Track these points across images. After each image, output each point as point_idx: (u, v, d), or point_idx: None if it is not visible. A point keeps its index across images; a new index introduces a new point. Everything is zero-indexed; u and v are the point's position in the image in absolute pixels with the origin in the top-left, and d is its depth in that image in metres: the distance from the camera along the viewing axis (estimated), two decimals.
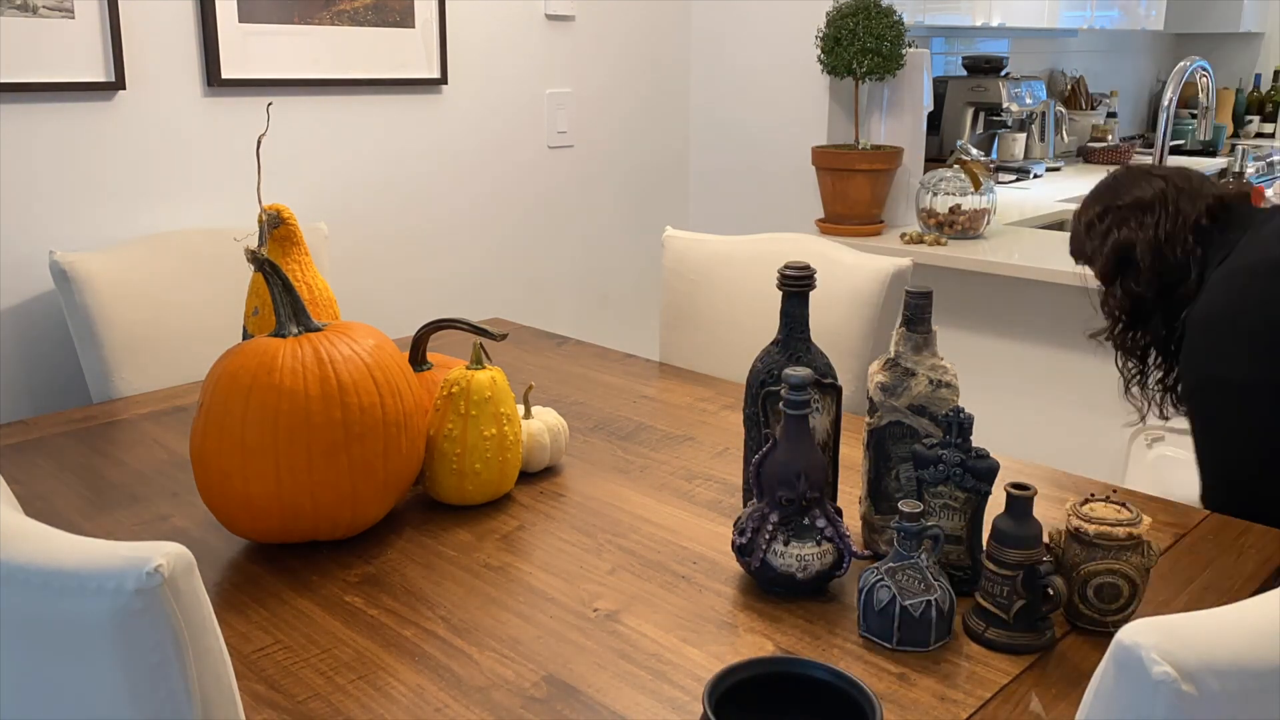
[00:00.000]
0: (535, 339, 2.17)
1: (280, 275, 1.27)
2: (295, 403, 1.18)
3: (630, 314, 3.11)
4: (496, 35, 2.61)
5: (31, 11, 1.87)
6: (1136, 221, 1.54)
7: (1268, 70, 5.51)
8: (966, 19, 3.59)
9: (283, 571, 1.22)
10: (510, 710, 0.97)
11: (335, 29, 2.27)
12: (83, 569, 0.67)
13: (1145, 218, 1.54)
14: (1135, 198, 1.56)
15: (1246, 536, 1.29)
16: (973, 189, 2.68)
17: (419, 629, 1.10)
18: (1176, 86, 2.47)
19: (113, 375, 1.87)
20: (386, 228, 2.48)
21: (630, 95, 2.96)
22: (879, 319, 1.82)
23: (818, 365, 1.22)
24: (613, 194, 2.98)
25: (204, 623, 0.71)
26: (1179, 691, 0.60)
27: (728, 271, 2.02)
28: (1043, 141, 4.20)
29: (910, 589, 1.02)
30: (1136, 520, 1.07)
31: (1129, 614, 1.08)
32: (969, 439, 1.11)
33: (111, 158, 2.02)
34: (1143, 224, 1.53)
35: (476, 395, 1.32)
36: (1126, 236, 1.54)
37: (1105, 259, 1.57)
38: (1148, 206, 1.54)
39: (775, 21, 2.89)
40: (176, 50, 2.07)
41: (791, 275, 1.21)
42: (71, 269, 1.84)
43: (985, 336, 2.65)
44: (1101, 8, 4.28)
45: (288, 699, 0.99)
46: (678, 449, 1.58)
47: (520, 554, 1.26)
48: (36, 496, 1.40)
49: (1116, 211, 1.57)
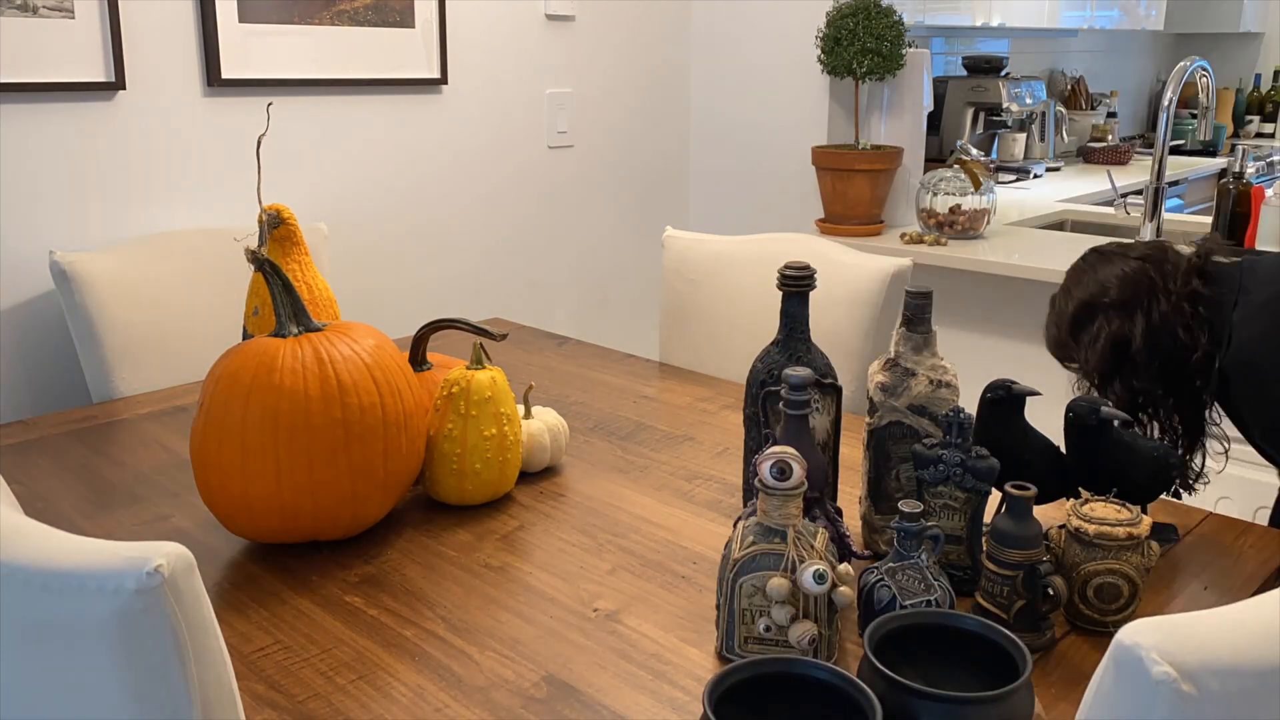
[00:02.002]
0: (535, 339, 2.17)
1: (280, 275, 1.27)
2: (295, 403, 1.18)
3: (630, 314, 3.11)
4: (496, 35, 2.61)
5: (31, 11, 1.87)
6: (1126, 312, 1.41)
7: (1268, 70, 5.51)
8: (966, 19, 3.59)
9: (283, 571, 1.22)
10: (510, 710, 0.97)
11: (335, 29, 2.27)
12: (83, 569, 0.67)
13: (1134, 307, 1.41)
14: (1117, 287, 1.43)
15: (1246, 536, 1.29)
16: (973, 189, 2.68)
17: (419, 629, 1.10)
18: (1176, 86, 2.47)
19: (113, 375, 1.87)
20: (386, 228, 2.48)
21: (630, 95, 2.96)
22: (879, 319, 1.82)
23: (818, 365, 1.22)
24: (613, 194, 2.98)
25: (204, 623, 0.71)
26: (1179, 691, 0.60)
27: (728, 271, 2.02)
28: (1043, 141, 4.20)
29: (910, 589, 1.02)
30: (1136, 520, 1.07)
31: (1129, 614, 1.08)
32: (969, 439, 1.12)
33: (112, 158, 2.02)
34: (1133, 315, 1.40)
35: (476, 395, 1.32)
36: (1119, 330, 1.40)
37: (1100, 357, 1.42)
38: (1133, 294, 1.42)
39: (775, 21, 2.89)
40: (176, 50, 2.07)
41: (791, 275, 1.21)
42: (71, 269, 1.84)
43: (985, 336, 2.65)
44: (1101, 8, 4.28)
45: (288, 699, 0.99)
46: (678, 449, 1.58)
47: (520, 554, 1.26)
48: (36, 496, 1.40)
49: (1102, 307, 1.44)
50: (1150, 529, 1.10)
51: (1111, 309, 1.42)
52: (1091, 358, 1.44)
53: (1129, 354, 1.40)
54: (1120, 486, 1.18)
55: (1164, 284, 1.40)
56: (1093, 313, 1.44)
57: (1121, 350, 1.40)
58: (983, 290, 2.64)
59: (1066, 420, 1.19)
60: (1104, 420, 1.15)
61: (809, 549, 0.99)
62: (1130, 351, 1.40)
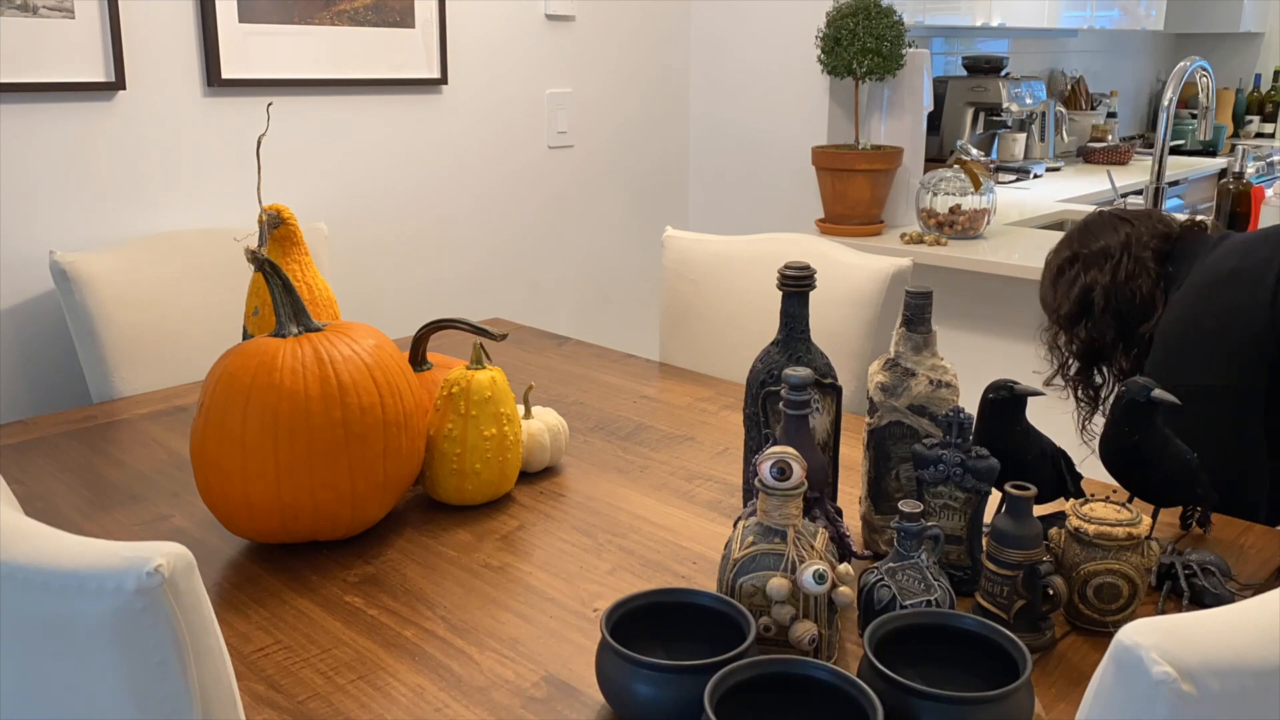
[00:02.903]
0: (535, 339, 2.17)
1: (280, 275, 1.27)
2: (295, 403, 1.18)
3: (630, 314, 3.11)
4: (496, 35, 2.61)
5: (31, 11, 1.87)
6: (1099, 267, 1.58)
7: (1268, 70, 5.51)
8: (966, 19, 3.59)
9: (283, 571, 1.22)
10: (510, 710, 0.97)
11: (335, 29, 2.27)
12: (83, 569, 0.67)
13: (1105, 263, 1.58)
14: (1101, 244, 1.60)
15: (1246, 536, 1.29)
16: (973, 189, 2.68)
17: (419, 629, 1.10)
18: (1176, 86, 2.47)
19: (113, 375, 1.87)
20: (386, 227, 2.48)
21: (630, 95, 2.96)
22: (879, 319, 1.82)
23: (818, 365, 1.22)
24: (613, 194, 2.98)
25: (204, 623, 0.71)
26: (1179, 691, 0.60)
27: (728, 272, 2.02)
28: (1043, 141, 4.20)
29: (910, 589, 1.02)
30: (1136, 520, 1.07)
31: (1129, 614, 1.08)
32: (969, 439, 1.12)
33: (112, 158, 2.02)
34: (1102, 269, 1.58)
35: (476, 395, 1.32)
36: (1091, 280, 1.58)
37: (1071, 304, 1.60)
38: (1110, 251, 1.59)
39: (775, 22, 2.89)
40: (176, 50, 2.07)
41: (791, 275, 1.21)
42: (71, 269, 1.84)
43: (985, 336, 2.65)
44: (1101, 8, 4.28)
45: (288, 699, 0.99)
46: (678, 449, 1.58)
47: (520, 554, 1.26)
48: (36, 496, 1.40)
49: (1084, 258, 1.61)
50: (1150, 529, 1.10)
51: (1090, 259, 1.60)
52: (1064, 304, 1.61)
53: (1091, 299, 1.57)
54: (1141, 477, 1.17)
55: (1137, 245, 1.57)
56: (1073, 261, 1.62)
57: (1087, 297, 1.58)
58: (983, 290, 2.64)
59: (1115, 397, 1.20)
60: (1153, 401, 1.14)
61: (809, 549, 0.99)
62: (1092, 297, 1.57)
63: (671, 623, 1.00)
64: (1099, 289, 1.57)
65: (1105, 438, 1.18)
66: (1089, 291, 1.58)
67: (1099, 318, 1.57)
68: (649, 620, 0.99)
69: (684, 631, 1.00)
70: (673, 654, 1.00)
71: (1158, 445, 1.15)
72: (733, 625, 0.97)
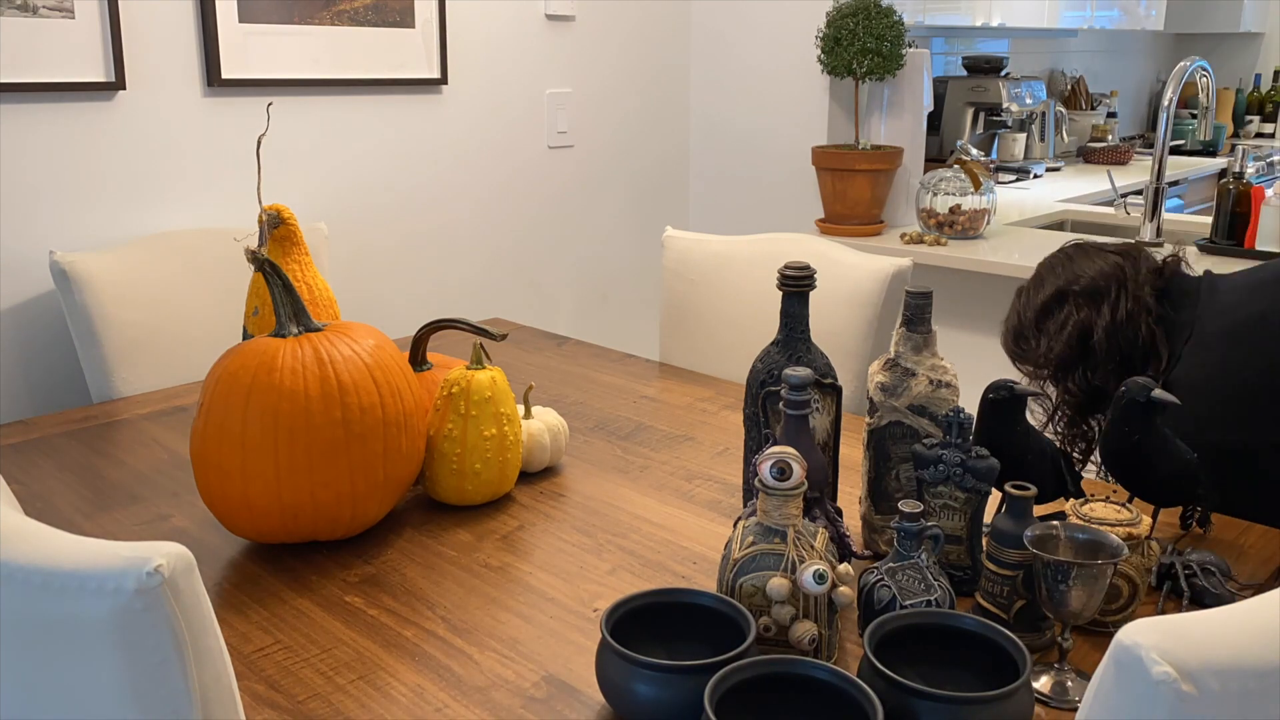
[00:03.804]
0: (535, 339, 2.17)
1: (280, 275, 1.27)
2: (295, 403, 1.18)
3: (630, 314, 3.11)
4: (496, 35, 2.61)
5: (31, 11, 1.87)
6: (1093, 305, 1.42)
7: (1268, 70, 5.51)
8: (966, 19, 3.59)
9: (283, 571, 1.22)
10: (510, 710, 0.97)
11: (335, 29, 2.27)
12: (83, 569, 0.67)
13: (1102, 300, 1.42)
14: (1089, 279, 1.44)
15: (1246, 536, 1.29)
16: (973, 189, 2.68)
17: (419, 629, 1.10)
18: (1176, 86, 2.47)
19: (113, 375, 1.87)
20: (387, 228, 2.48)
21: (630, 95, 2.96)
22: (879, 319, 1.82)
23: (818, 365, 1.22)
24: (613, 194, 2.98)
25: (204, 623, 0.71)
26: (1179, 691, 0.60)
27: (728, 272, 2.02)
28: (1043, 141, 4.20)
29: (910, 589, 1.02)
30: (1136, 520, 1.07)
31: (1129, 614, 1.08)
32: (969, 439, 1.12)
33: (112, 158, 2.02)
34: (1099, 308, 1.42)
35: (476, 395, 1.32)
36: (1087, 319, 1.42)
37: (1064, 346, 1.43)
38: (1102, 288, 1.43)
39: (775, 22, 2.89)
40: (176, 50, 2.07)
41: (791, 275, 1.21)
42: (71, 269, 1.84)
43: (985, 336, 2.65)
44: (1101, 8, 4.28)
45: (288, 699, 0.99)
46: (678, 449, 1.58)
47: (520, 554, 1.26)
48: (36, 496, 1.40)
49: (1074, 296, 1.44)
50: (1150, 529, 1.10)
51: (1082, 297, 1.43)
52: (1056, 345, 1.44)
53: (1091, 344, 1.42)
54: (1140, 478, 1.17)
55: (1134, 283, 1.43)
56: (1063, 300, 1.45)
57: (1085, 340, 1.42)
58: (983, 290, 2.64)
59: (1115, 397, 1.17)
60: (1153, 401, 1.13)
61: (809, 549, 0.99)
62: (1092, 342, 1.41)
63: (671, 623, 1.00)
64: (1099, 329, 1.41)
65: (1105, 438, 1.18)
66: (1087, 332, 1.42)
67: (1102, 361, 1.41)
68: (649, 620, 0.99)
69: (684, 631, 1.00)
70: (673, 654, 1.00)
71: (1158, 445, 1.15)
72: (733, 625, 0.97)
